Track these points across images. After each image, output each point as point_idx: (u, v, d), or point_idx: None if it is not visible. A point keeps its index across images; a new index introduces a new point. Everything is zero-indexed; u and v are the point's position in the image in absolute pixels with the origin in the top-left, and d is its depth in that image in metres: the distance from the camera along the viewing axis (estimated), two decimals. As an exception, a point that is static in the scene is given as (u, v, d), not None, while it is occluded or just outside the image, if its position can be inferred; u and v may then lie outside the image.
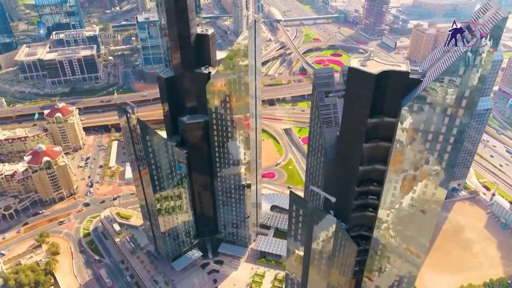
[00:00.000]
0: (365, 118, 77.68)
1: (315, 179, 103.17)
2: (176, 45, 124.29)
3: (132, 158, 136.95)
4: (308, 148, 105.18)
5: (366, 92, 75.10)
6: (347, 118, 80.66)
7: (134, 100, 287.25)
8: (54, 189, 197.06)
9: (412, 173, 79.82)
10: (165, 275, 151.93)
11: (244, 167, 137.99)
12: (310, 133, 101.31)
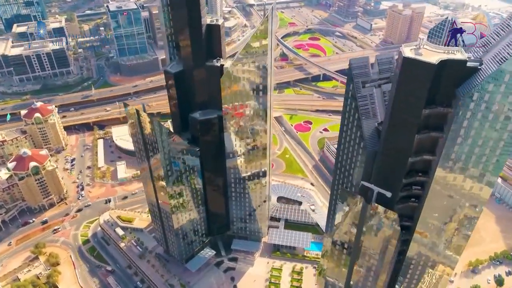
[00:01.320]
0: (420, 109, 75.55)
1: (348, 172, 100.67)
2: (186, 36, 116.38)
3: (142, 159, 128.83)
4: (339, 141, 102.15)
5: (423, 82, 72.69)
6: (398, 109, 78.02)
7: (114, 94, 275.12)
8: (43, 195, 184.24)
9: (462, 165, 78.58)
10: (180, 278, 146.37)
11: (261, 153, 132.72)
12: (343, 125, 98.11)
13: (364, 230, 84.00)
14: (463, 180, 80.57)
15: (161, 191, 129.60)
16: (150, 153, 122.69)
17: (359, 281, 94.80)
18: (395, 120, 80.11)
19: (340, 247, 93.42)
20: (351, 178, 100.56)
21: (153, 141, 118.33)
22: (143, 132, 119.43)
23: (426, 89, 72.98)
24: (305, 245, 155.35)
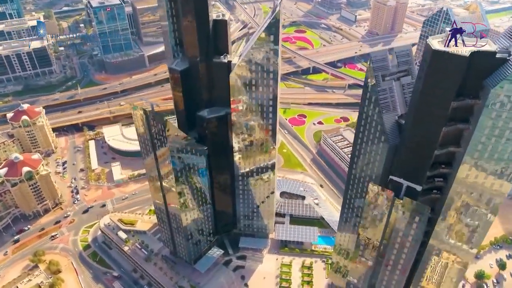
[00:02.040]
0: (449, 102, 75.44)
1: (366, 167, 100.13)
2: (193, 32, 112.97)
3: (149, 160, 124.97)
4: (356, 136, 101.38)
5: (454, 74, 72.49)
6: (426, 101, 77.56)
7: (101, 93, 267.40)
8: (37, 201, 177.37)
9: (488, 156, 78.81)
10: (190, 279, 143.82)
11: (268, 148, 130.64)
12: (361, 119, 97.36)
13: (392, 224, 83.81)
14: (488, 172, 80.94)
15: (170, 191, 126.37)
16: (159, 152, 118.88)
17: (383, 276, 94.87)
18: (421, 113, 79.81)
19: (365, 242, 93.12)
20: (369, 172, 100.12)
21: (162, 142, 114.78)
22: (151, 132, 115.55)
23: (457, 81, 72.82)
24: (312, 239, 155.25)
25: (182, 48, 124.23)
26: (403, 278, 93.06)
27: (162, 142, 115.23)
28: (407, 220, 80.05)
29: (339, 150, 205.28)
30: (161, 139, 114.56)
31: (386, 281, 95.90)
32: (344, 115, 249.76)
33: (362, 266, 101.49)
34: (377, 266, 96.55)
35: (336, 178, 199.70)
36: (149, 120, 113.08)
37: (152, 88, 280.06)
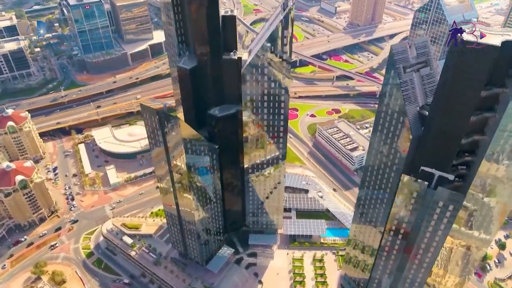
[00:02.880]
0: (479, 91, 76.80)
1: (387, 158, 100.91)
2: (203, 29, 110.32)
3: (161, 161, 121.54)
4: (375, 128, 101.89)
5: (485, 64, 73.71)
6: (455, 92, 78.64)
7: (86, 94, 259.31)
8: (33, 210, 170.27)
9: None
10: (203, 280, 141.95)
11: (279, 144, 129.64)
12: (381, 112, 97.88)
13: (424, 214, 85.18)
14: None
15: (182, 191, 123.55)
16: (172, 154, 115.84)
17: (411, 267, 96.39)
18: (450, 103, 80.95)
19: (394, 235, 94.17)
20: (389, 164, 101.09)
21: (175, 142, 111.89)
22: (164, 132, 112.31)
23: (487, 71, 74.11)
24: (321, 232, 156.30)
25: (187, 45, 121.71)
26: (430, 267, 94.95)
27: (175, 142, 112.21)
28: (441, 209, 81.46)
29: (335, 142, 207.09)
30: (174, 139, 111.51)
31: (413, 272, 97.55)
32: (335, 106, 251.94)
33: (385, 259, 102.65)
34: (402, 257, 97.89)
35: (335, 170, 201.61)
36: (162, 120, 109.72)
37: (138, 87, 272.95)
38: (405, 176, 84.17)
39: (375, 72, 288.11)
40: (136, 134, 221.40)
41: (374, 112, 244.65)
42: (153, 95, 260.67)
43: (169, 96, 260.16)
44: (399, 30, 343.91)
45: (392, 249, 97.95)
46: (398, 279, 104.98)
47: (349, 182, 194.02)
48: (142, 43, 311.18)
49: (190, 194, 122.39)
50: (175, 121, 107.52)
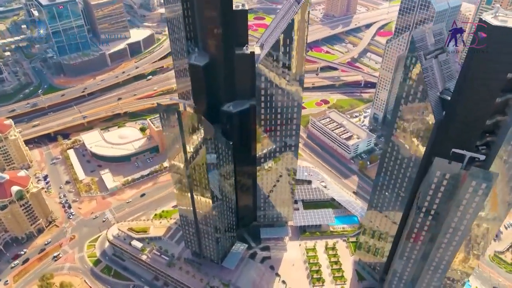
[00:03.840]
0: (506, 74, 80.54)
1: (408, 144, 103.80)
2: (217, 24, 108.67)
3: (178, 160, 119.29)
4: (394, 115, 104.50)
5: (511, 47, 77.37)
6: (482, 75, 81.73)
7: (67, 98, 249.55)
8: (30, 221, 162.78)
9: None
10: (221, 278, 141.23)
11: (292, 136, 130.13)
12: (401, 98, 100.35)
13: (457, 195, 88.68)
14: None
15: (201, 190, 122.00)
16: (191, 152, 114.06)
17: (438, 247, 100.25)
18: (477, 86, 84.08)
19: (423, 217, 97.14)
20: (409, 149, 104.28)
21: (195, 140, 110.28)
22: (183, 131, 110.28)
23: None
24: (329, 221, 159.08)
25: (196, 42, 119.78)
26: (457, 249, 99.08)
27: (194, 140, 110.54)
28: (473, 188, 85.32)
29: (329, 132, 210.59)
30: (194, 137, 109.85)
31: (440, 254, 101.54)
32: (323, 97, 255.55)
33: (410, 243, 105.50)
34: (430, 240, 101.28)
35: (332, 160, 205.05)
36: (181, 119, 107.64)
37: (122, 87, 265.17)
38: (439, 159, 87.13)
39: (357, 62, 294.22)
40: (127, 136, 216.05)
41: (361, 101, 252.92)
42: (138, 96, 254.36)
43: (155, 95, 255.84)
44: (373, 19, 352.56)
45: (419, 233, 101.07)
46: (422, 263, 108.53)
47: (347, 171, 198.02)
48: (120, 42, 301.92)
49: (207, 192, 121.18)
50: (196, 120, 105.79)
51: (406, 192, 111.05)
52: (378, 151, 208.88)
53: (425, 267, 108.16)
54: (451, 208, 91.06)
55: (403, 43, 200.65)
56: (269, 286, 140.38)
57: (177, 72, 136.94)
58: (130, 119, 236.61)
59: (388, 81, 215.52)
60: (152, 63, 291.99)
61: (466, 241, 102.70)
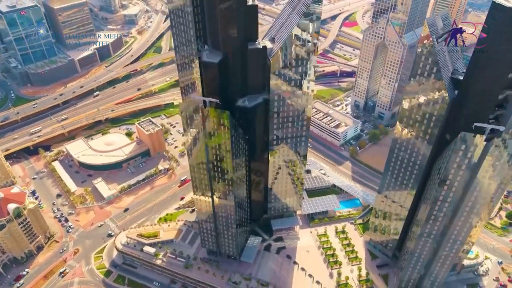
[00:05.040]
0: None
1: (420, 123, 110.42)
2: (233, 19, 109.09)
3: (200, 156, 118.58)
4: (406, 97, 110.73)
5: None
6: (498, 53, 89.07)
7: (40, 109, 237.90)
8: (29, 239, 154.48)
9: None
10: (241, 273, 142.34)
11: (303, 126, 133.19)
12: (415, 78, 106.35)
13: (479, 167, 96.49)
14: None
15: (221, 186, 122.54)
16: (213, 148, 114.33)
17: (460, 218, 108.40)
18: (492, 63, 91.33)
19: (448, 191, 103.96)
20: (423, 128, 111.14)
21: (219, 135, 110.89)
22: (206, 127, 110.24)
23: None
24: (335, 206, 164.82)
25: (205, 39, 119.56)
26: (478, 218, 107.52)
27: (218, 135, 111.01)
28: (497, 157, 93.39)
29: (318, 121, 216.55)
30: (219, 132, 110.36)
31: (460, 227, 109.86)
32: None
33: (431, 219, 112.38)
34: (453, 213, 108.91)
35: (323, 149, 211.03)
36: (204, 115, 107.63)
37: (97, 93, 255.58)
38: (465, 133, 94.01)
39: (329, 53, 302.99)
40: (114, 142, 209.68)
41: (340, 90, 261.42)
42: (117, 101, 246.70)
43: (134, 99, 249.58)
44: (337, 11, 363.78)
45: (442, 206, 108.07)
46: (441, 237, 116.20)
47: (339, 158, 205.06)
48: (87, 47, 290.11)
49: (228, 187, 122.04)
50: (222, 116, 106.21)
51: (420, 170, 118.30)
52: (365, 136, 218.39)
53: (444, 240, 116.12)
54: (474, 178, 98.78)
55: (380, 32, 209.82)
56: (289, 275, 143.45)
57: (179, 66, 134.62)
58: (112, 125, 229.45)
59: (366, 69, 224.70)
60: (124, 67, 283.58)
61: (483, 209, 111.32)
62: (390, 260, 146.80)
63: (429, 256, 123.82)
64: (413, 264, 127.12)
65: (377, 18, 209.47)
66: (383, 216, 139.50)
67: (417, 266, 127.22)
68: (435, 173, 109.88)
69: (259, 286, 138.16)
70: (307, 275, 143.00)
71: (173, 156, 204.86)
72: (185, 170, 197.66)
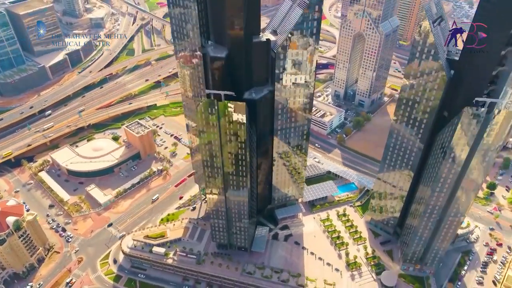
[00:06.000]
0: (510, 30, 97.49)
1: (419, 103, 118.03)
2: (240, 15, 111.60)
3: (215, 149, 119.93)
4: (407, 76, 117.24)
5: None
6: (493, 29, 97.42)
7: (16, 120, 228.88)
8: (30, 252, 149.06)
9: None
10: (255, 263, 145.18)
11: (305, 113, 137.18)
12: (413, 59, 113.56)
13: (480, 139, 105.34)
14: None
15: (237, 181, 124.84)
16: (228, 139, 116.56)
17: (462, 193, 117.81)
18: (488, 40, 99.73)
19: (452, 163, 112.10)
20: (422, 108, 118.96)
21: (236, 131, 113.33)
22: (221, 123, 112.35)
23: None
24: (333, 191, 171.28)
25: (207, 35, 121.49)
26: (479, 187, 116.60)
27: (234, 127, 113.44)
28: (498, 127, 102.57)
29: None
30: (235, 125, 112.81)
31: (461, 198, 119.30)
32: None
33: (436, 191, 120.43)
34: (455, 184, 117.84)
35: (311, 138, 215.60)
36: (218, 107, 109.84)
37: (73, 100, 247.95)
38: (469, 108, 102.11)
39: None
40: (102, 147, 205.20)
41: (318, 81, 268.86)
42: (98, 105, 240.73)
43: (114, 104, 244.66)
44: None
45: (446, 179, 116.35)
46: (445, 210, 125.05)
47: (328, 146, 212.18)
48: (57, 53, 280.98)
49: (242, 179, 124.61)
50: (239, 108, 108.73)
51: (419, 148, 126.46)
52: (349, 124, 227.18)
53: (446, 214, 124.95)
54: (476, 149, 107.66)
55: (357, 24, 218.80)
56: (300, 260, 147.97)
57: (185, 67, 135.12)
58: (97, 131, 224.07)
59: (345, 60, 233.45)
60: (99, 71, 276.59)
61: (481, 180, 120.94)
62: (391, 236, 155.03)
63: (432, 231, 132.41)
64: (417, 240, 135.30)
65: (352, 9, 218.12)
66: (384, 197, 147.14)
67: (421, 241, 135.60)
68: (438, 148, 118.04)
69: (273, 274, 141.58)
70: (317, 258, 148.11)
71: (165, 157, 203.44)
72: (179, 170, 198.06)
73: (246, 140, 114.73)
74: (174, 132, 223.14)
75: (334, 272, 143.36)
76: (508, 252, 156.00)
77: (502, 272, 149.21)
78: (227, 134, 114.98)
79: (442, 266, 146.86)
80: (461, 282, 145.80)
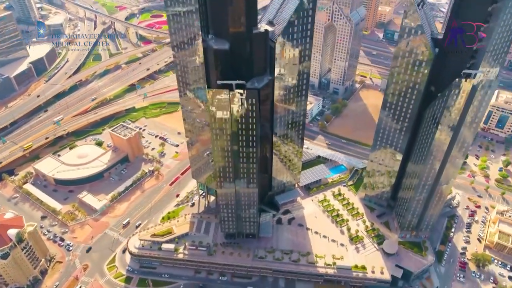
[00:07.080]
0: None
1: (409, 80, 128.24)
2: (241, 7, 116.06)
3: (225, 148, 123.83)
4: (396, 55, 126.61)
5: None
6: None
7: None
8: (33, 264, 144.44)
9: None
10: (263, 247, 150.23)
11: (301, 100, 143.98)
12: (400, 44, 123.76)
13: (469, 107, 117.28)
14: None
15: (248, 169, 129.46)
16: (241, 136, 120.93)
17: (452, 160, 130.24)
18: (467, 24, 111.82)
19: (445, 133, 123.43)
20: (411, 84, 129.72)
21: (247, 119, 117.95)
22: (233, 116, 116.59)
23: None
24: (326, 174, 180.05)
25: (207, 28, 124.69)
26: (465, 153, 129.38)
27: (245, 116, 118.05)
28: (485, 95, 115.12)
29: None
30: (247, 113, 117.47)
31: (450, 166, 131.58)
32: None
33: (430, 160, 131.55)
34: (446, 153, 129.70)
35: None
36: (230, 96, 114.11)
37: (46, 109, 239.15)
38: (460, 80, 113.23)
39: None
40: (87, 154, 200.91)
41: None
42: (75, 113, 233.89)
43: (90, 110, 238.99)
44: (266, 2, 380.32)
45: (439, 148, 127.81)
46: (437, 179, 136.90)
47: (312, 133, 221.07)
48: (19, 62, 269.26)
49: (252, 167, 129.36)
50: (252, 96, 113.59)
51: (411, 120, 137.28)
52: (328, 111, 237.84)
53: (439, 180, 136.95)
54: (465, 116, 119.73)
55: (322, 17, 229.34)
56: (306, 240, 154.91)
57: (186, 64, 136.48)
58: (77, 138, 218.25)
59: (318, 52, 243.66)
60: (68, 78, 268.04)
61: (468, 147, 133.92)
62: (386, 209, 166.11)
63: (425, 200, 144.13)
64: (412, 209, 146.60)
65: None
66: (378, 174, 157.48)
67: (416, 211, 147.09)
68: (429, 120, 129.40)
69: (283, 255, 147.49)
70: (321, 236, 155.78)
71: (154, 157, 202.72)
72: (170, 169, 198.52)
73: (257, 127, 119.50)
74: (159, 133, 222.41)
75: (340, 247, 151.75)
76: (486, 212, 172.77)
77: (484, 230, 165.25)
78: (238, 122, 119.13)
79: (433, 230, 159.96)
80: (451, 243, 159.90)
